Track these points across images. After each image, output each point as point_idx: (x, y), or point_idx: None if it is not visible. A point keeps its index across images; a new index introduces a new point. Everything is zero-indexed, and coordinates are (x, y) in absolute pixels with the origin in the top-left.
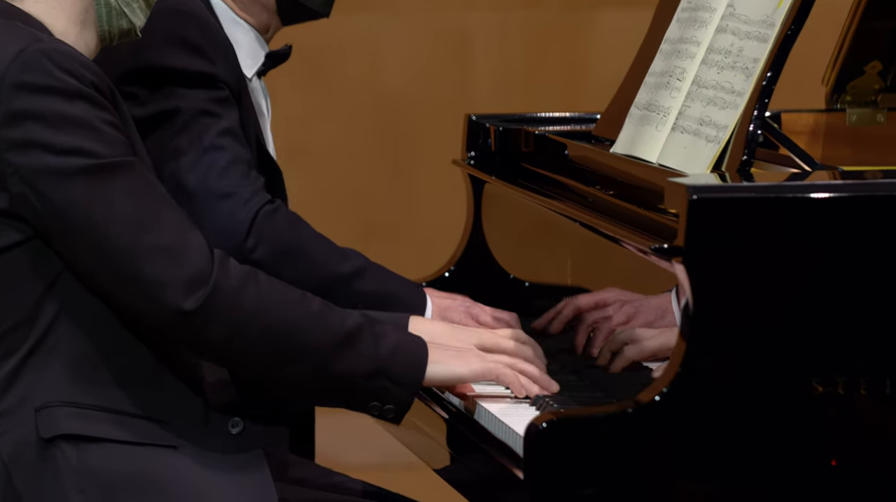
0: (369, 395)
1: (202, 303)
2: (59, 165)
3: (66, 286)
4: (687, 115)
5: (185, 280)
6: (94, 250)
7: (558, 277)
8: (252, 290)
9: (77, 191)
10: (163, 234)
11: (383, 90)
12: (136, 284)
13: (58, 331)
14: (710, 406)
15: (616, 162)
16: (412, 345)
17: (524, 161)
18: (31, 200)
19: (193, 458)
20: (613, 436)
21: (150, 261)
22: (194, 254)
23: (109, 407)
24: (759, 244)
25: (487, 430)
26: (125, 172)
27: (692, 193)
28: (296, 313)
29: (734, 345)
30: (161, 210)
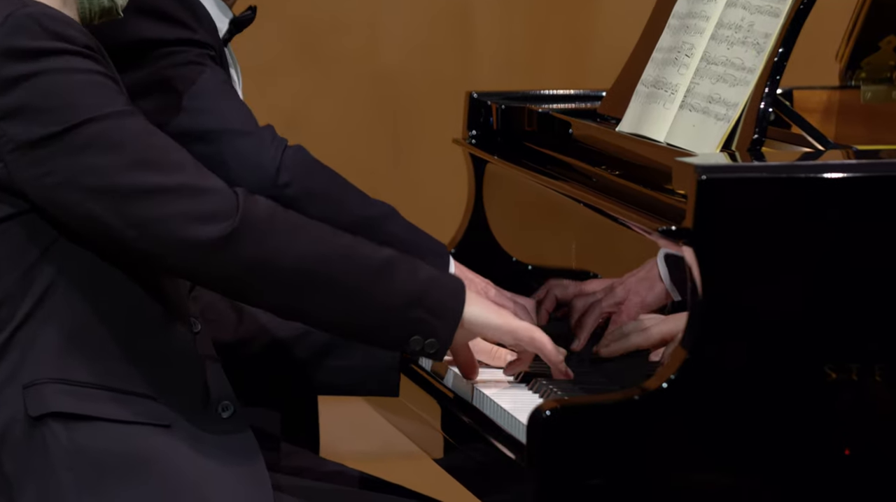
0: (409, 327)
1: (231, 230)
2: (57, 126)
3: (60, 255)
4: (695, 93)
5: (210, 211)
6: (109, 203)
7: (562, 260)
8: (282, 219)
9: (80, 148)
10: (180, 174)
11: (382, 66)
12: (159, 225)
13: (49, 303)
14: (719, 393)
15: (622, 141)
16: (450, 280)
17: (527, 140)
18: (33, 169)
19: (187, 439)
20: (619, 425)
21: (172, 199)
22: (215, 188)
23: (101, 384)
24: (770, 226)
25: (489, 418)
26: (128, 121)
27: (701, 173)
28: (329, 242)
29: (744, 331)
30: (172, 153)
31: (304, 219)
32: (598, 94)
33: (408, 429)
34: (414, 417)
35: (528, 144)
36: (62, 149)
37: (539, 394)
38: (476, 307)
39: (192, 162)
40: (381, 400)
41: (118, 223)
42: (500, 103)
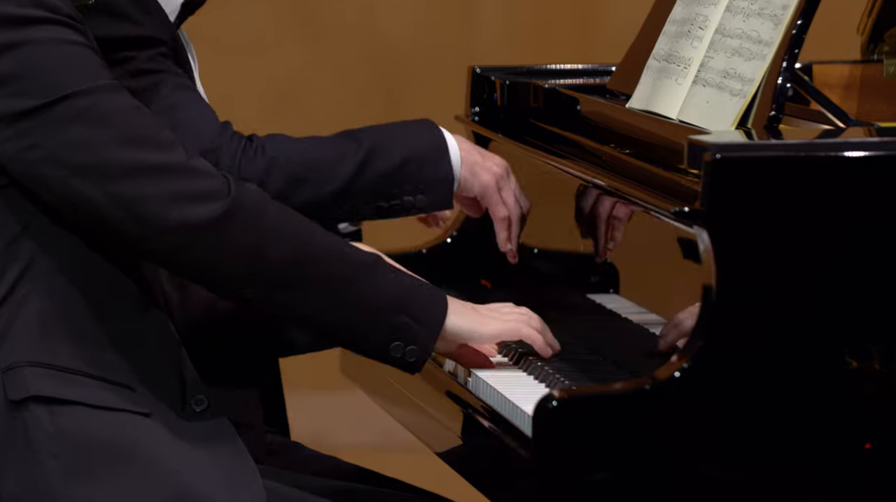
0: (391, 332)
1: (222, 212)
2: (42, 99)
3: (40, 232)
4: (710, 67)
5: (202, 192)
6: (95, 180)
7: (569, 243)
8: (273, 207)
9: (66, 122)
10: (170, 153)
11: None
12: (148, 204)
13: (29, 282)
14: (734, 382)
15: (632, 118)
16: (432, 289)
17: (532, 117)
18: (15, 142)
19: (166, 427)
20: (629, 415)
21: (162, 177)
22: (207, 170)
23: (81, 369)
24: (788, 207)
25: (492, 408)
26: (116, 96)
27: (715, 152)
28: (317, 236)
29: (760, 317)
30: (161, 131)
31: (292, 210)
32: (607, 69)
33: (407, 420)
34: (413, 407)
35: (533, 122)
36: (47, 122)
37: (546, 384)
38: (458, 317)
39: (179, 142)
40: (379, 389)
41: (104, 201)
42: (505, 78)
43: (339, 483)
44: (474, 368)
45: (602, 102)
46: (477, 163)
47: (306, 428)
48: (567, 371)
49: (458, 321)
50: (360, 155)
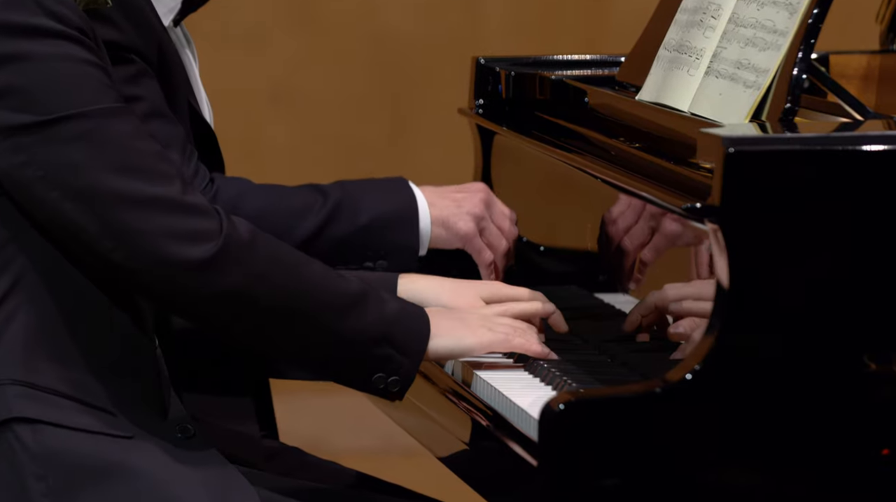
0: (374, 365)
1: (213, 254)
2: (43, 115)
3: (31, 248)
4: (722, 58)
5: (194, 230)
6: (88, 206)
7: (577, 240)
8: (262, 245)
9: (65, 142)
10: (167, 185)
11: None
12: (140, 237)
13: (16, 298)
14: (748, 385)
15: (642, 110)
16: (414, 313)
17: (539, 109)
18: (9, 156)
19: (151, 449)
20: (639, 419)
21: (157, 211)
22: (201, 207)
23: (64, 392)
24: (804, 203)
25: (496, 411)
26: (118, 120)
27: (728, 146)
28: (305, 272)
29: (774, 317)
30: (161, 162)
31: (277, 244)
32: (616, 60)
33: (408, 424)
34: (414, 410)
35: (540, 114)
36: (44, 140)
37: (552, 386)
38: (441, 338)
39: (179, 174)
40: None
41: (95, 229)
42: (510, 69)
43: (338, 488)
44: (476, 369)
45: (611, 94)
46: (451, 217)
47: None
48: (574, 373)
49: (441, 343)
50: (322, 213)
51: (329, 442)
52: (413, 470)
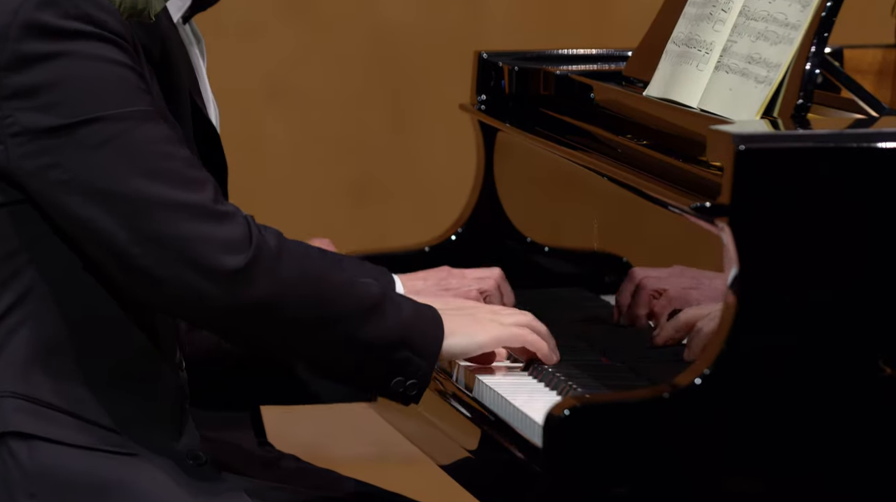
0: (394, 369)
1: (245, 263)
2: (73, 117)
3: (46, 256)
4: (733, 52)
5: (227, 239)
6: (117, 210)
7: (583, 241)
8: (289, 254)
9: (95, 145)
10: (201, 192)
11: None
12: (172, 243)
13: (25, 308)
14: (760, 390)
15: (650, 107)
16: (427, 314)
17: (543, 106)
18: (36, 158)
19: (155, 467)
20: (647, 426)
21: (189, 218)
22: (233, 214)
23: (66, 408)
24: (816, 202)
25: (499, 417)
26: (151, 125)
27: (739, 143)
28: (330, 279)
29: (787, 319)
30: (193, 169)
31: (304, 250)
32: (623, 54)
33: (408, 430)
34: (414, 416)
35: (544, 110)
36: (73, 143)
37: (557, 391)
38: (454, 337)
39: (211, 181)
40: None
41: (123, 234)
42: (513, 64)
43: (336, 497)
44: (480, 374)
45: (617, 90)
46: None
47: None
48: (580, 377)
49: (454, 342)
50: None
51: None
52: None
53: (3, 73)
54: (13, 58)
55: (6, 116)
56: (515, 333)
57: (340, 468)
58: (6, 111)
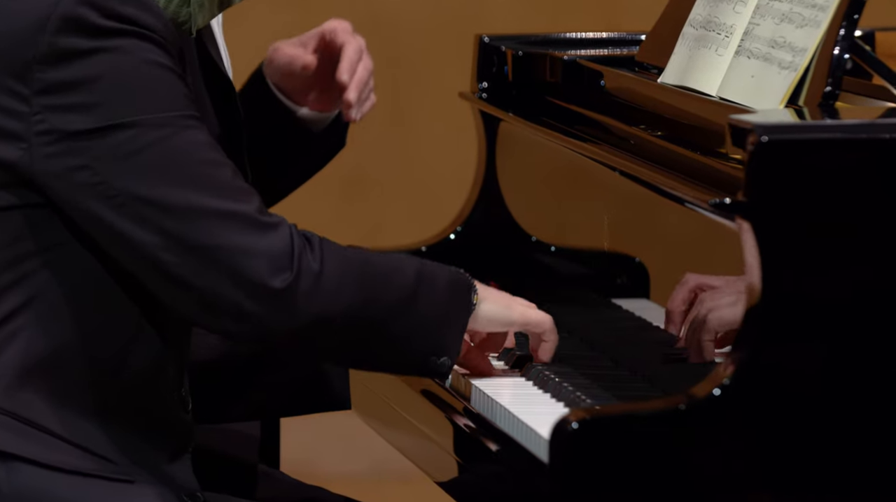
0: (432, 349)
1: (288, 284)
2: (111, 119)
3: (55, 268)
4: (755, 36)
5: (271, 253)
6: (151, 218)
7: (592, 240)
8: (333, 263)
9: (134, 151)
10: (247, 203)
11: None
12: (209, 251)
13: (24, 317)
14: (784, 402)
15: (665, 95)
16: (459, 279)
17: (549, 94)
18: (64, 159)
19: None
20: (662, 440)
21: (231, 226)
22: (278, 224)
23: (53, 431)
24: (845, 197)
25: (502, 430)
26: (193, 131)
27: (761, 134)
28: (370, 285)
29: (814, 326)
30: (237, 179)
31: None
32: (636, 38)
33: (404, 445)
34: (411, 429)
35: (550, 99)
36: (108, 146)
37: (564, 402)
38: (488, 304)
39: (255, 192)
40: (373, 410)
41: (158, 241)
42: (517, 49)
43: None
44: (482, 386)
45: (630, 77)
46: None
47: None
48: (589, 387)
49: (487, 309)
50: None
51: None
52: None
53: (37, 67)
54: (49, 51)
55: (35, 113)
56: (543, 318)
57: (331, 485)
58: (35, 107)
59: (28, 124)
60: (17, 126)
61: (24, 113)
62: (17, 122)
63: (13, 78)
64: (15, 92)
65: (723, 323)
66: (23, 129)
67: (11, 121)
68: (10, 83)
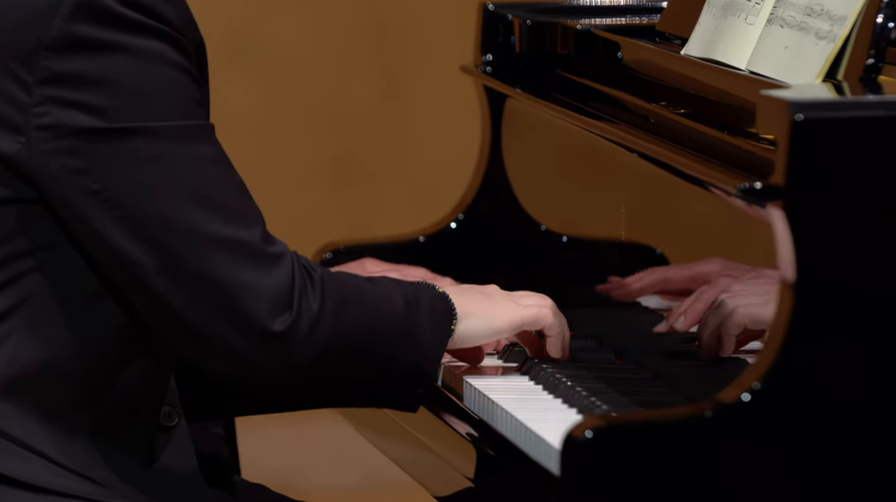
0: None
1: (287, 327)
2: (119, 121)
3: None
4: (789, 2)
5: (272, 291)
6: (148, 236)
7: (608, 229)
8: (330, 306)
9: (138, 157)
10: (252, 230)
11: None
12: (206, 283)
13: (11, 322)
14: (821, 409)
15: (689, 68)
16: (440, 305)
17: (561, 67)
18: (64, 159)
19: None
20: (685, 450)
21: (233, 256)
22: (280, 256)
23: (32, 446)
24: (888, 182)
25: (508, 439)
26: (202, 142)
27: (796, 112)
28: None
29: (853, 324)
30: (242, 199)
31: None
32: (656, 5)
33: (398, 455)
34: (407, 439)
35: (562, 73)
36: (110, 152)
37: (577, 408)
38: (470, 320)
39: (260, 214)
40: (365, 418)
41: (153, 263)
42: (525, 17)
43: None
44: (484, 389)
45: (650, 48)
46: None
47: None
48: (604, 392)
49: (470, 326)
50: None
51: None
52: None
53: (45, 53)
54: (60, 37)
55: (38, 104)
56: (536, 313)
57: (319, 499)
58: (38, 97)
59: (28, 116)
60: (16, 116)
61: (24, 103)
62: (17, 111)
63: (16, 60)
64: (17, 77)
65: (751, 318)
66: (22, 121)
67: (11, 109)
68: (13, 66)
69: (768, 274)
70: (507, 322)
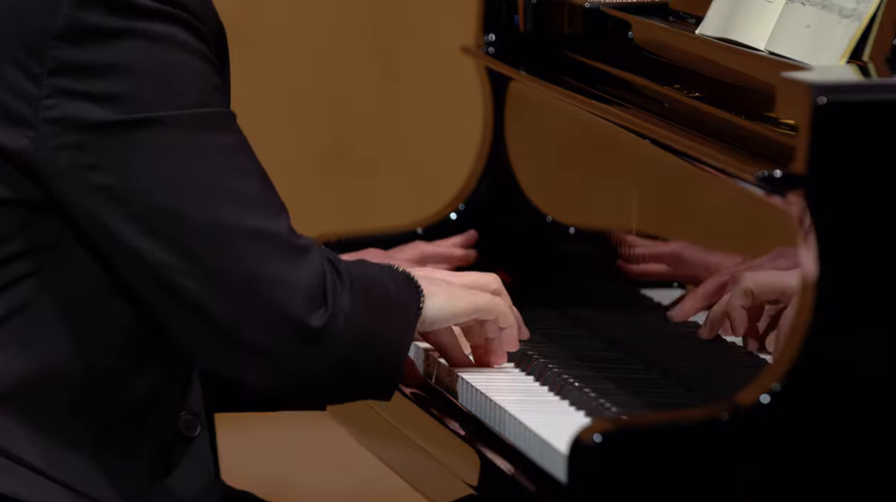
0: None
1: (325, 322)
2: (125, 115)
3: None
4: None
5: (306, 285)
6: (165, 233)
7: (617, 220)
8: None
9: (149, 152)
10: (274, 220)
11: None
12: (234, 279)
13: (9, 330)
14: (844, 411)
15: (704, 49)
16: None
17: (568, 47)
18: (73, 154)
19: None
20: (701, 455)
21: (263, 249)
22: (310, 247)
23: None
24: None
25: (512, 444)
26: (223, 131)
27: (818, 95)
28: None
29: (880, 322)
30: (266, 189)
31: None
32: None
33: (395, 461)
34: (404, 443)
35: (569, 54)
36: (128, 144)
37: (586, 411)
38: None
39: (284, 206)
40: (360, 421)
41: (173, 262)
42: None
43: None
44: (484, 389)
45: (663, 27)
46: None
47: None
48: (614, 393)
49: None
50: None
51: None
52: None
53: (53, 43)
54: (69, 25)
55: (47, 96)
56: (490, 302)
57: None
58: (47, 89)
59: (37, 109)
60: (24, 109)
61: (33, 95)
62: (25, 104)
63: (24, 50)
64: (24, 67)
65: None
66: (31, 114)
67: (19, 102)
68: (21, 55)
69: (781, 250)
70: (467, 305)
